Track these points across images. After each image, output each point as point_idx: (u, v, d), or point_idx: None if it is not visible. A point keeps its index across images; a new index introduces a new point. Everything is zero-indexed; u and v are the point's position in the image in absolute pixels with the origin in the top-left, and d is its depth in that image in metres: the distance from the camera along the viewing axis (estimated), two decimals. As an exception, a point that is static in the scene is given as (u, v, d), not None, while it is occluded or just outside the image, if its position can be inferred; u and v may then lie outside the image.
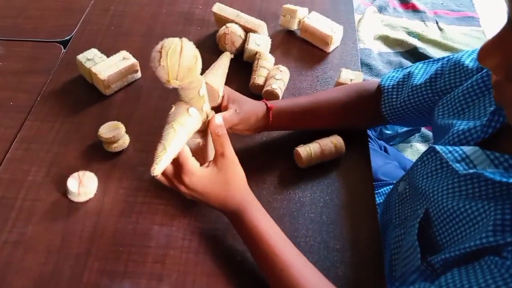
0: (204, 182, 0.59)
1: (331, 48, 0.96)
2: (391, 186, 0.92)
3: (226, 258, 0.65)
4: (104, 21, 1.01)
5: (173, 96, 0.80)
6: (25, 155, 0.76)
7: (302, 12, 0.97)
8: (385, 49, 1.85)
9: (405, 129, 1.35)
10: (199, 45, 0.57)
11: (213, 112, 0.63)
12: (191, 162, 0.58)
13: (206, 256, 0.65)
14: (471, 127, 0.57)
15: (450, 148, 0.55)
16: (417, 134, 1.48)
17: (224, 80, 0.71)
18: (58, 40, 0.96)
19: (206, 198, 0.60)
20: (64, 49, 0.95)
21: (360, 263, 0.65)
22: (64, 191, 0.70)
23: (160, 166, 0.55)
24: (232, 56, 0.78)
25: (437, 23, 1.99)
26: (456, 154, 0.54)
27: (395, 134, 1.34)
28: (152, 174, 0.55)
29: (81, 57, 0.85)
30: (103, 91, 0.85)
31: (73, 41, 0.96)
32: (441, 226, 0.56)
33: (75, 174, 0.70)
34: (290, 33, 1.00)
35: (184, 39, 0.54)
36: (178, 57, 0.53)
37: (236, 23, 0.92)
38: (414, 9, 2.04)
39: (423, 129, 1.52)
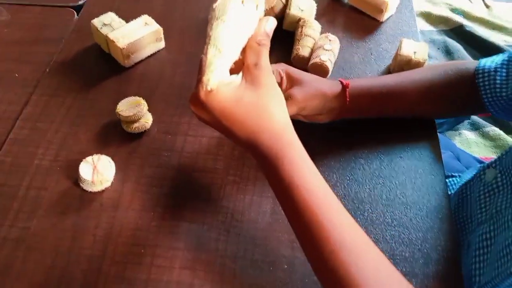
0: (227, 97, 0.42)
1: (386, 16, 0.82)
2: (453, 179, 0.79)
3: (269, 264, 0.53)
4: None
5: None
6: (30, 135, 0.64)
7: (352, -25, 0.83)
8: (427, 27, 1.69)
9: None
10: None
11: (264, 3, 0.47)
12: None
13: (244, 263, 0.53)
14: None
15: None
16: (466, 121, 1.34)
17: None
18: (70, 4, 0.84)
19: (228, 123, 0.43)
20: (77, 14, 0.83)
21: (435, 274, 0.53)
22: (76, 179, 0.59)
23: (215, 75, 0.40)
24: None
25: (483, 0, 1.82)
26: None
27: (444, 120, 1.19)
28: (207, 88, 0.40)
29: (97, 21, 0.73)
30: (121, 62, 0.72)
31: (87, 5, 0.84)
32: None
33: (89, 159, 0.59)
34: (337, 1, 0.86)
35: None
36: None
37: (276, -15, 0.78)
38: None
39: (473, 116, 1.37)
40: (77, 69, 0.73)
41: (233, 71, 0.44)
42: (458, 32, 1.64)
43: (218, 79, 0.41)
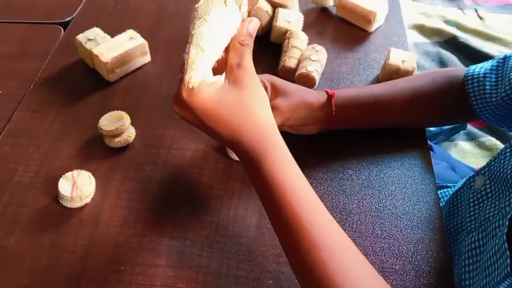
0: (211, 96, 0.42)
1: (374, 27, 0.81)
2: (446, 190, 0.77)
3: (254, 281, 0.51)
4: (110, 0, 0.89)
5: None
6: (11, 151, 0.63)
7: (339, -14, 0.82)
8: (421, 39, 1.69)
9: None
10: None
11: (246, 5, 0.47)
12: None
13: (228, 279, 0.51)
14: None
15: None
16: (462, 132, 1.32)
17: None
18: (57, 21, 0.84)
19: (211, 122, 0.43)
20: (64, 31, 0.82)
21: (427, 287, 0.51)
22: (55, 195, 0.57)
23: (198, 73, 0.40)
24: None
25: (476, 11, 1.82)
26: None
27: (439, 131, 1.18)
28: (189, 85, 0.40)
29: (81, 37, 0.73)
30: (106, 76, 0.72)
31: (74, 23, 0.84)
32: None
33: (68, 175, 0.57)
34: (324, 10, 0.86)
35: None
36: None
37: (262, -3, 0.78)
38: (451, -4, 1.88)
39: (469, 126, 1.35)
40: (62, 85, 0.72)
41: (216, 71, 0.43)
42: (452, 44, 1.63)
43: (200, 78, 0.40)
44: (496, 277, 0.44)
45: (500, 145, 1.34)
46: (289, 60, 0.71)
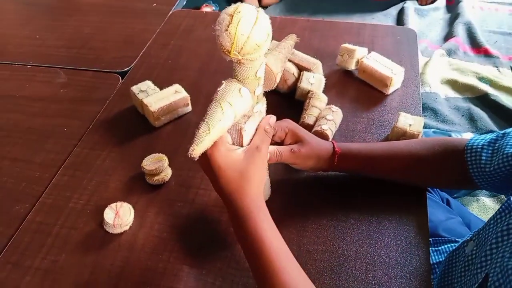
0: (227, 160, 0.54)
1: (391, 90, 0.90)
2: (453, 244, 0.82)
3: (257, 310, 0.59)
4: (163, 54, 1.03)
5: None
6: (69, 181, 0.76)
7: (361, 52, 0.92)
8: (452, 94, 1.74)
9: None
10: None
11: (264, 98, 0.59)
12: (225, 135, 0.55)
13: (236, 306, 0.60)
14: None
15: None
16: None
17: (284, 65, 0.65)
18: (117, 71, 0.99)
19: (219, 178, 0.55)
20: (122, 80, 0.97)
21: (409, 334, 0.57)
22: (101, 221, 0.69)
23: (200, 147, 0.51)
24: (298, 40, 0.70)
25: (511, 68, 1.85)
26: None
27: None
28: (190, 156, 0.51)
29: (135, 88, 0.86)
30: (153, 122, 0.85)
31: (131, 73, 0.98)
32: None
33: (113, 205, 0.69)
34: (347, 73, 0.96)
35: (261, 10, 0.49)
36: (250, 28, 0.47)
37: (290, 61, 0.89)
38: (487, 54, 1.92)
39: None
40: (115, 127, 0.86)
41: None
42: (483, 100, 1.67)
43: (202, 150, 0.51)
44: None
45: None
46: (308, 117, 0.81)
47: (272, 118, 0.60)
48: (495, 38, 2.04)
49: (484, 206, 1.32)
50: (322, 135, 0.77)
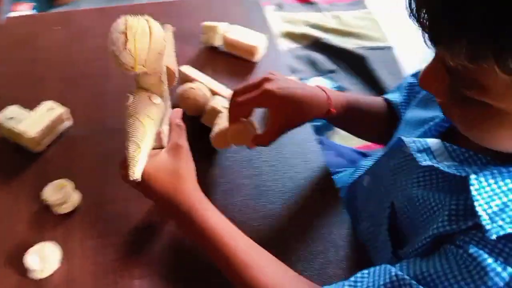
0: (154, 165, 0.56)
1: (258, 58, 0.97)
2: (338, 175, 0.94)
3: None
4: (14, 71, 0.92)
5: (113, 140, 0.76)
6: (-39, 241, 0.66)
7: (222, 27, 0.96)
8: (291, 44, 1.92)
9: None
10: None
11: (169, 97, 0.60)
12: None
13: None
14: (435, 120, 0.61)
15: (415, 139, 0.58)
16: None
17: (175, 58, 0.64)
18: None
19: (153, 186, 0.56)
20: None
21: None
22: (24, 271, 0.63)
23: (138, 167, 0.51)
24: (174, 29, 0.67)
25: (331, 12, 2.11)
26: (419, 145, 0.56)
27: (321, 124, 1.38)
28: (132, 178, 0.51)
29: (1, 117, 0.76)
30: (33, 149, 0.77)
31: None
32: (406, 216, 0.59)
33: (31, 249, 0.63)
34: (214, 49, 0.99)
35: (150, 19, 0.49)
36: (148, 40, 0.47)
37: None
38: (308, 2, 2.14)
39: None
40: (-10, 166, 0.76)
41: None
42: (318, 45, 1.89)
43: (141, 170, 0.51)
44: (385, 259, 0.60)
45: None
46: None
47: (179, 111, 0.62)
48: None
49: (344, 136, 1.53)
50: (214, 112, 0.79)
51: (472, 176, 0.47)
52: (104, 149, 0.79)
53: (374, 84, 1.76)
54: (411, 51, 1.90)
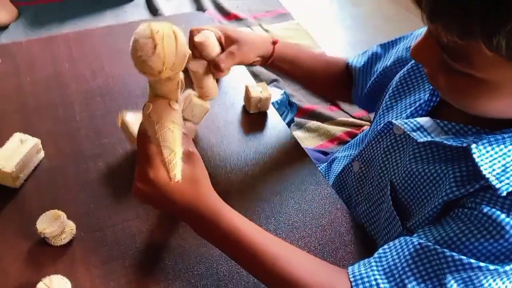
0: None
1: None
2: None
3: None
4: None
5: (93, 164, 0.74)
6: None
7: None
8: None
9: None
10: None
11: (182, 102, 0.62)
12: (154, 155, 0.54)
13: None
14: (417, 102, 0.66)
15: (406, 120, 0.63)
16: (292, 124, 1.62)
17: None
18: None
19: (171, 196, 0.55)
20: None
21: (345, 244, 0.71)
22: (32, 311, 0.58)
23: (178, 169, 0.52)
24: None
25: (261, 25, 2.18)
26: (411, 125, 0.62)
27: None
28: (174, 181, 0.53)
29: (-32, 157, 0.71)
30: (11, 185, 0.72)
31: None
32: (407, 191, 0.63)
33: (41, 284, 0.59)
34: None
35: (170, 23, 0.49)
36: (174, 43, 0.48)
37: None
38: (237, 18, 2.20)
39: (296, 118, 1.66)
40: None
41: None
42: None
43: (180, 172, 0.52)
44: (393, 235, 0.65)
45: (321, 125, 1.69)
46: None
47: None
48: (236, 3, 2.34)
49: (299, 138, 1.59)
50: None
51: (473, 146, 0.52)
52: (85, 176, 0.76)
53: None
54: (341, 54, 2.03)
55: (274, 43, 0.81)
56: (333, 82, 0.91)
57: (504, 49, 0.42)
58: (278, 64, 0.83)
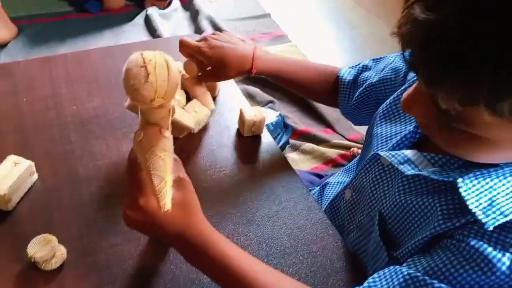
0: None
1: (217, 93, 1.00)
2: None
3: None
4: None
5: (86, 187, 0.74)
6: None
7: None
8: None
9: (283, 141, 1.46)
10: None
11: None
12: (150, 184, 0.54)
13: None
14: (403, 133, 0.66)
15: (393, 152, 0.63)
16: (287, 146, 1.63)
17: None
18: None
19: (161, 223, 0.55)
20: None
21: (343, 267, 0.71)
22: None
23: (168, 198, 0.52)
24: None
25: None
26: (399, 158, 0.62)
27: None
28: (164, 210, 0.52)
29: (-39, 178, 0.71)
30: (4, 207, 0.72)
31: None
32: (396, 222, 0.63)
33: (28, 312, 0.59)
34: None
35: (162, 52, 0.50)
36: (166, 71, 0.48)
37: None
38: (234, 40, 2.23)
39: (290, 140, 1.67)
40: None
41: None
42: (250, 79, 1.96)
43: (170, 200, 0.52)
44: (381, 264, 0.64)
45: (316, 147, 1.69)
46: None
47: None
48: (234, 24, 2.38)
49: (293, 160, 1.60)
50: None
51: (459, 180, 0.53)
52: (78, 199, 0.76)
53: (310, 110, 1.87)
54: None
55: (251, 72, 0.83)
56: (323, 89, 0.93)
57: (507, 113, 0.41)
58: (263, 76, 0.87)
